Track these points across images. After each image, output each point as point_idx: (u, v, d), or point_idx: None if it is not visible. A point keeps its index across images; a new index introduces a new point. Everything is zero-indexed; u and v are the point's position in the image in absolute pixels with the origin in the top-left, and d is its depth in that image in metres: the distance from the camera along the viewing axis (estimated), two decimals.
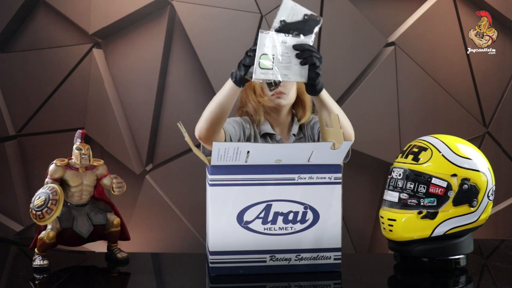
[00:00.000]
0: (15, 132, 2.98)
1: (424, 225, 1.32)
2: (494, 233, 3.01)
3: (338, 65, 3.00)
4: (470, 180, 1.31)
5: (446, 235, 1.32)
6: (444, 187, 1.31)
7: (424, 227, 1.32)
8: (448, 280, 1.31)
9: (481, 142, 3.10)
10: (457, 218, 1.32)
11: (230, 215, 1.23)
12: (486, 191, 1.33)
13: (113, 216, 1.40)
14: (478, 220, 1.34)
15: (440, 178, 1.31)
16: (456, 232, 1.32)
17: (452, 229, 1.32)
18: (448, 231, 1.32)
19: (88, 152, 1.36)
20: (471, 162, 1.33)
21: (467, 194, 1.31)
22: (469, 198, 1.31)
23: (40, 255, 1.33)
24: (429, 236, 1.32)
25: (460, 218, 1.32)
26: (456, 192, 1.31)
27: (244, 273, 1.25)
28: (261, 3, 2.95)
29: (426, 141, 1.38)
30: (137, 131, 2.99)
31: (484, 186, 1.32)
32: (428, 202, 1.32)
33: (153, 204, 2.99)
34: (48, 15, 2.93)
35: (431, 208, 1.32)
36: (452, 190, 1.31)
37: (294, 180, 1.24)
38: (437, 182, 1.32)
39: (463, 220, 1.32)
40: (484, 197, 1.33)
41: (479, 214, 1.33)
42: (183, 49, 2.96)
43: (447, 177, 1.31)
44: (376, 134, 2.97)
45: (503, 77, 3.12)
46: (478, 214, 1.33)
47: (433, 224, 1.32)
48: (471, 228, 1.34)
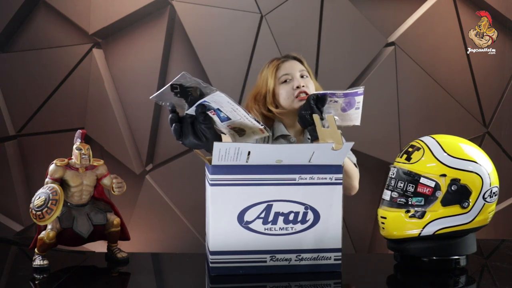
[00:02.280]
0: (15, 132, 2.98)
1: (413, 224, 1.32)
2: (494, 233, 3.01)
3: (338, 65, 3.00)
4: (461, 181, 1.29)
5: (438, 235, 1.31)
6: (432, 187, 1.31)
7: (413, 226, 1.32)
8: (448, 280, 1.31)
9: (481, 142, 3.10)
10: (448, 218, 1.30)
11: (231, 215, 1.23)
12: (480, 192, 1.31)
13: (113, 216, 1.40)
14: (474, 222, 1.31)
15: (429, 178, 1.31)
16: (449, 232, 1.31)
17: (442, 229, 1.31)
18: (438, 231, 1.31)
19: (88, 152, 1.36)
20: (464, 163, 1.31)
21: (456, 194, 1.30)
22: (459, 198, 1.30)
23: (40, 255, 1.33)
24: (418, 235, 1.32)
25: (450, 218, 1.30)
26: (445, 192, 1.30)
27: (244, 273, 1.25)
28: (261, 3, 2.95)
29: (422, 141, 1.38)
30: (137, 131, 2.99)
31: (478, 187, 1.30)
32: (415, 202, 1.32)
33: (153, 204, 2.99)
34: (48, 15, 2.93)
35: (419, 207, 1.32)
36: (440, 190, 1.30)
37: (295, 181, 1.24)
38: (425, 181, 1.31)
39: (454, 220, 1.31)
40: (479, 198, 1.30)
41: (473, 215, 1.31)
42: (183, 49, 2.97)
43: (435, 177, 1.30)
44: (376, 134, 2.97)
45: (503, 77, 3.12)
46: (472, 216, 1.31)
47: (421, 223, 1.31)
48: (467, 229, 1.32)
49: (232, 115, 1.25)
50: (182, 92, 1.23)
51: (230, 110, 1.23)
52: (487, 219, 1.34)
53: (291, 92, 1.75)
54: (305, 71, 1.81)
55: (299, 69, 1.80)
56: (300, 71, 1.80)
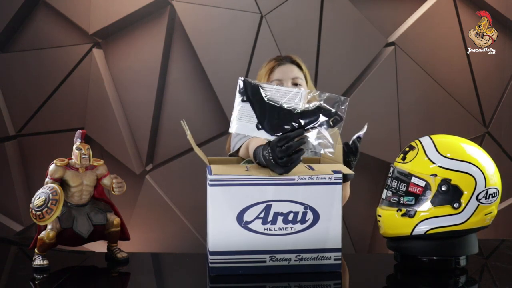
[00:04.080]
0: (15, 132, 2.98)
1: (404, 223, 1.32)
2: (494, 233, 3.01)
3: (338, 65, 3.00)
4: (452, 181, 1.29)
5: (431, 234, 1.31)
6: (422, 186, 1.31)
7: (404, 225, 1.33)
8: (448, 280, 1.31)
9: (481, 142, 3.10)
10: (438, 218, 1.30)
11: (230, 215, 1.23)
12: (473, 193, 1.29)
13: (113, 216, 1.40)
14: (468, 223, 1.29)
15: (420, 178, 1.31)
16: (442, 232, 1.30)
17: (434, 229, 1.30)
18: (429, 231, 1.30)
19: (88, 152, 1.36)
20: (456, 163, 1.30)
21: (447, 195, 1.29)
22: (451, 199, 1.29)
23: (40, 255, 1.33)
24: (410, 234, 1.32)
25: (442, 218, 1.30)
26: (435, 192, 1.30)
27: (244, 273, 1.25)
28: (261, 3, 2.95)
29: (419, 141, 1.38)
30: (137, 131, 2.99)
31: (471, 188, 1.28)
32: (407, 201, 1.33)
33: (153, 204, 2.99)
34: (48, 15, 2.93)
35: (410, 206, 1.32)
36: (430, 190, 1.30)
37: (294, 180, 1.24)
38: (416, 181, 1.31)
39: (446, 221, 1.30)
40: (471, 199, 1.29)
41: (466, 216, 1.29)
42: (183, 49, 2.97)
43: (426, 176, 1.30)
44: (376, 134, 2.97)
45: (503, 77, 3.12)
46: (465, 217, 1.29)
47: (412, 222, 1.31)
48: (462, 230, 1.30)
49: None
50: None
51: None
52: (485, 221, 1.32)
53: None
54: (300, 78, 1.76)
55: (293, 76, 1.75)
56: (293, 78, 1.74)
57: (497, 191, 1.33)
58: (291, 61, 1.80)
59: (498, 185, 1.33)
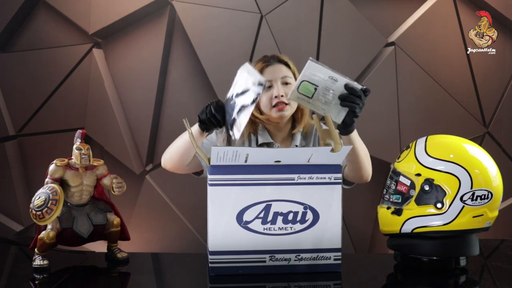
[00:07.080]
0: (15, 132, 2.98)
1: (394, 220, 1.35)
2: (494, 233, 3.01)
3: (338, 65, 2.99)
4: (435, 181, 1.29)
5: (418, 233, 1.31)
6: (407, 185, 1.33)
7: (393, 222, 1.35)
8: (448, 280, 1.31)
9: (481, 142, 3.10)
10: (422, 217, 1.31)
11: (230, 215, 1.23)
12: (457, 194, 1.28)
13: (113, 216, 1.41)
14: (453, 224, 1.28)
15: (406, 177, 1.33)
16: (427, 232, 1.30)
17: (420, 228, 1.31)
18: (415, 230, 1.32)
19: (88, 152, 1.36)
20: (440, 163, 1.29)
21: (430, 194, 1.30)
22: (433, 199, 1.30)
23: (40, 255, 1.33)
24: (399, 232, 1.34)
25: (425, 218, 1.30)
26: (418, 191, 1.31)
27: (243, 273, 1.25)
28: (261, 3, 2.95)
29: (416, 140, 1.39)
30: (137, 131, 2.99)
31: (454, 189, 1.28)
32: (395, 199, 1.36)
33: (153, 204, 2.99)
34: (48, 15, 2.93)
35: (397, 204, 1.35)
36: (414, 189, 1.32)
37: (294, 180, 1.24)
38: (403, 180, 1.34)
39: (429, 220, 1.30)
40: (455, 200, 1.28)
41: (451, 217, 1.28)
42: (183, 49, 2.97)
43: (411, 176, 1.32)
44: (376, 134, 2.97)
45: (503, 77, 3.12)
46: (449, 217, 1.28)
47: (400, 220, 1.34)
48: (449, 231, 1.29)
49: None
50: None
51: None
52: (476, 223, 1.30)
53: (269, 100, 1.68)
54: (288, 77, 1.73)
55: (282, 75, 1.72)
56: (282, 77, 1.72)
57: (488, 193, 1.29)
58: (279, 60, 1.77)
59: (493, 188, 1.30)
